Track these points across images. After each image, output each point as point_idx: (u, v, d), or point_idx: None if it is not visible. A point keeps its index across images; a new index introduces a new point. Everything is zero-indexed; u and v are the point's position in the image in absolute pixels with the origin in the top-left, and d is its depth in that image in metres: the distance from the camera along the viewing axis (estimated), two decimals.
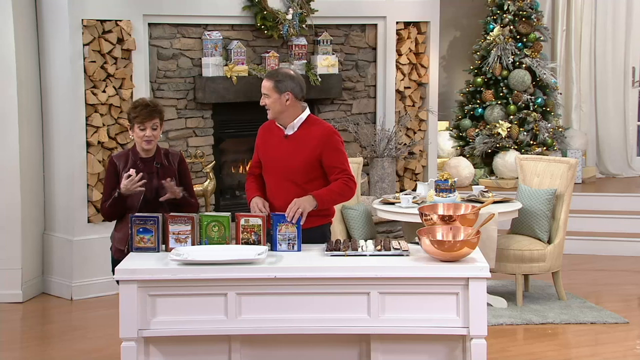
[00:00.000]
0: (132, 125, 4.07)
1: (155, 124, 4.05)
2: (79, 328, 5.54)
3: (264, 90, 4.14)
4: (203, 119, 6.57)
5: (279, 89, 4.10)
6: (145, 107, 4.05)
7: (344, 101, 7.21)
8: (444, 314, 3.69)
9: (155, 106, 4.09)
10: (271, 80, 4.12)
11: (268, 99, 4.13)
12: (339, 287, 3.70)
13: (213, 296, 3.69)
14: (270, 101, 4.12)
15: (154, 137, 4.07)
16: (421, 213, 3.97)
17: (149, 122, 4.03)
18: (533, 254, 5.80)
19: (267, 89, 4.12)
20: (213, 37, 6.45)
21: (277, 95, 4.10)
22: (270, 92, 4.11)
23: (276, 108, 4.12)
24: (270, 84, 4.11)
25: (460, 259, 3.73)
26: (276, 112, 4.14)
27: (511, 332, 5.37)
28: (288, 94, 4.11)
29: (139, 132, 4.05)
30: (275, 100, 4.11)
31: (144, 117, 4.02)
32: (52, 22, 6.07)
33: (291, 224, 3.92)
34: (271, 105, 4.12)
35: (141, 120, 4.02)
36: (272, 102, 4.12)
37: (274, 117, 4.17)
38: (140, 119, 4.02)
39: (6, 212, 5.98)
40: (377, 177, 7.11)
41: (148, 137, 4.04)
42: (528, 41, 8.40)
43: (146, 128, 4.04)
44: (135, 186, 3.99)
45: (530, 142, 8.26)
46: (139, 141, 4.07)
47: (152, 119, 4.04)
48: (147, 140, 4.05)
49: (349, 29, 7.17)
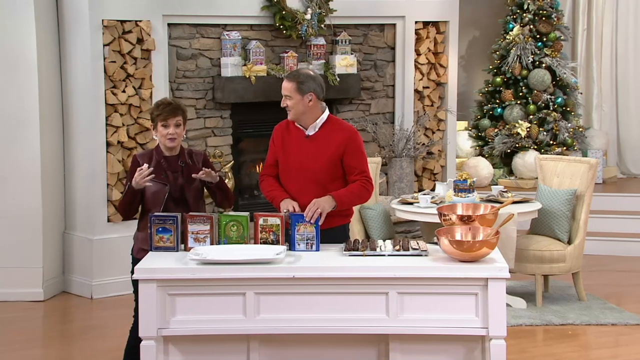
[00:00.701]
0: (155, 124, 4.06)
1: (178, 121, 4.04)
2: (99, 327, 5.57)
3: (285, 92, 4.11)
4: (222, 119, 6.58)
5: (302, 90, 4.08)
6: (167, 105, 4.06)
7: (362, 101, 7.20)
8: (463, 315, 3.66)
9: (177, 104, 4.10)
10: (293, 81, 4.10)
11: (290, 100, 4.10)
12: (357, 287, 3.69)
13: (232, 296, 3.67)
14: (293, 103, 4.09)
15: (177, 134, 4.04)
16: (440, 213, 3.95)
17: (172, 120, 4.03)
18: (553, 255, 5.77)
19: (289, 90, 4.10)
20: (232, 37, 6.46)
21: (299, 97, 4.08)
22: (292, 94, 4.09)
23: (299, 109, 4.10)
24: (293, 85, 4.09)
25: (479, 259, 3.71)
26: (298, 113, 4.12)
27: (531, 333, 5.35)
28: (311, 94, 4.09)
29: (162, 130, 4.03)
30: (297, 101, 4.09)
31: (167, 115, 4.02)
32: (73, 23, 6.10)
33: (310, 223, 3.91)
34: (293, 106, 4.10)
35: (164, 118, 4.02)
36: (294, 104, 4.09)
37: (295, 119, 4.14)
38: (163, 116, 4.02)
39: (27, 212, 6.02)
40: (395, 177, 7.09)
41: (171, 135, 4.02)
42: (548, 40, 8.35)
43: (169, 125, 4.02)
44: (144, 180, 3.95)
45: (550, 142, 8.22)
46: (163, 139, 4.05)
47: (175, 116, 4.03)
48: (170, 137, 4.03)
49: (367, 29, 7.16)
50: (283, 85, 4.13)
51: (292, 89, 4.09)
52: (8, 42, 5.96)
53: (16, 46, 5.96)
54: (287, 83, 4.12)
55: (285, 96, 4.12)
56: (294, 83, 4.09)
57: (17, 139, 6.03)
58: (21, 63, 5.97)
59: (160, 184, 4.04)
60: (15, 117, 6.01)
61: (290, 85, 4.09)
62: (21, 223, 6.02)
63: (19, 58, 5.97)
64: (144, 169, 3.96)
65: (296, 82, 4.09)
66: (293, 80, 4.10)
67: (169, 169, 4.06)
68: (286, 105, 4.12)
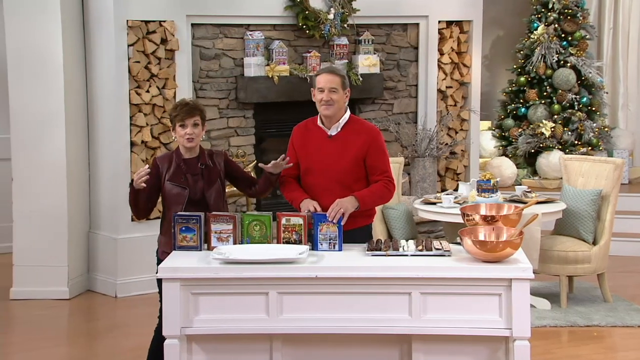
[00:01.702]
0: (174, 125, 4.03)
1: (195, 121, 4.01)
2: (123, 325, 5.60)
3: (331, 85, 4.04)
4: (245, 119, 6.60)
5: (345, 85, 4.08)
6: (185, 106, 4.03)
7: (385, 101, 7.18)
8: (486, 315, 3.63)
9: (195, 104, 4.08)
10: (339, 75, 4.07)
11: (336, 94, 4.06)
12: (380, 287, 3.67)
13: (255, 295, 3.66)
14: (338, 96, 4.06)
15: (195, 134, 4.01)
16: (463, 213, 3.93)
17: (190, 120, 3.99)
18: (578, 255, 5.73)
19: (336, 83, 4.05)
20: (255, 37, 6.47)
21: (342, 91, 4.08)
22: (339, 87, 4.06)
23: (340, 104, 4.08)
24: (339, 79, 4.06)
25: (502, 259, 3.68)
26: (339, 108, 4.08)
27: (555, 334, 5.31)
28: (348, 91, 4.12)
29: (180, 131, 4.00)
30: (341, 95, 4.07)
31: (184, 115, 3.99)
32: (98, 23, 6.14)
33: (332, 223, 3.90)
34: (338, 100, 4.06)
35: (182, 118, 3.99)
36: (339, 98, 4.06)
37: (333, 114, 4.09)
38: (180, 116, 3.99)
39: (53, 211, 6.07)
40: (418, 177, 7.07)
41: (189, 135, 3.99)
42: (573, 40, 8.28)
43: (187, 126, 3.99)
44: (140, 181, 3.92)
45: (574, 142, 8.15)
46: (181, 140, 4.02)
47: (192, 115, 4.00)
48: (188, 138, 4.00)
49: (390, 29, 7.14)
50: (328, 79, 4.06)
51: (339, 83, 4.06)
52: (34, 43, 6.01)
53: (42, 47, 6.01)
54: (333, 76, 4.07)
55: (330, 89, 4.05)
56: (340, 77, 4.07)
57: (43, 139, 6.07)
58: (47, 64, 6.01)
59: (180, 188, 4.02)
60: (41, 117, 6.06)
61: (338, 79, 4.06)
62: (47, 222, 6.07)
63: (46, 59, 6.02)
64: (142, 170, 3.93)
65: (341, 76, 4.08)
66: (338, 74, 4.09)
67: (188, 172, 4.02)
68: (330, 99, 4.05)
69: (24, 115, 6.06)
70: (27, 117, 6.06)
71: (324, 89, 4.06)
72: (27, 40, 6.00)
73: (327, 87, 4.05)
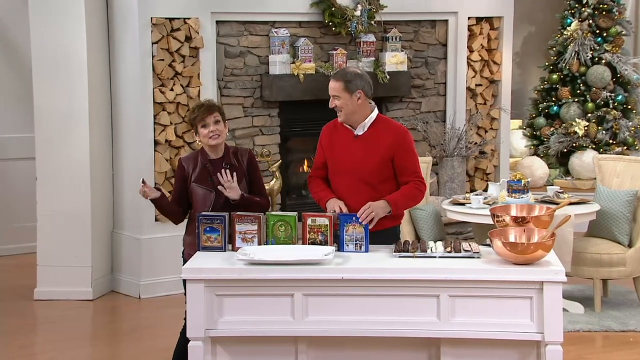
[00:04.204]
0: (195, 127, 4.03)
1: (216, 117, 4.00)
2: (147, 326, 5.58)
3: (333, 92, 4.03)
4: (270, 118, 6.55)
5: (350, 89, 4.01)
6: (202, 106, 4.04)
7: (412, 99, 7.11)
8: (517, 319, 3.60)
9: (211, 102, 4.09)
10: (340, 80, 4.02)
11: (338, 100, 4.03)
12: (407, 289, 3.64)
13: (280, 297, 3.66)
14: (341, 102, 4.02)
15: (219, 131, 4.00)
16: (493, 214, 3.90)
17: (210, 117, 3.98)
18: (612, 258, 5.61)
19: (336, 90, 4.02)
20: (280, 34, 6.42)
21: (348, 96, 4.01)
22: (340, 93, 4.01)
23: (348, 109, 4.03)
24: (340, 85, 4.01)
25: (534, 262, 3.64)
26: (349, 113, 4.04)
27: (589, 339, 5.23)
28: (359, 92, 4.02)
29: (203, 131, 4.00)
30: (346, 101, 4.02)
31: (204, 113, 3.99)
32: (122, 21, 6.13)
33: (359, 224, 3.87)
34: (343, 106, 4.03)
35: (202, 118, 3.98)
36: (343, 104, 4.02)
37: (346, 120, 4.07)
38: (200, 116, 3.99)
39: (77, 211, 6.06)
40: (446, 177, 7.00)
41: (213, 132, 3.98)
42: (608, 36, 8.18)
43: (208, 124, 3.98)
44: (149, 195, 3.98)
45: (609, 141, 8.06)
46: (205, 140, 4.02)
47: (211, 112, 3.99)
48: (212, 135, 3.99)
49: (418, 25, 7.06)
50: (330, 86, 4.05)
51: (339, 89, 4.01)
52: (59, 42, 6.01)
53: (67, 46, 6.00)
54: (334, 83, 4.04)
55: (333, 96, 4.04)
56: (341, 82, 4.01)
57: (67, 138, 6.07)
58: (71, 63, 6.01)
59: (206, 190, 4.03)
60: (65, 116, 6.05)
61: (338, 84, 4.02)
62: (70, 222, 6.06)
63: (70, 58, 6.01)
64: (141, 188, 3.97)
65: (343, 80, 4.01)
66: (340, 79, 4.03)
67: (214, 173, 4.02)
68: (335, 105, 4.04)
69: (48, 114, 6.07)
70: (51, 116, 6.06)
71: (329, 95, 4.06)
72: (51, 39, 6.01)
73: (331, 94, 4.05)
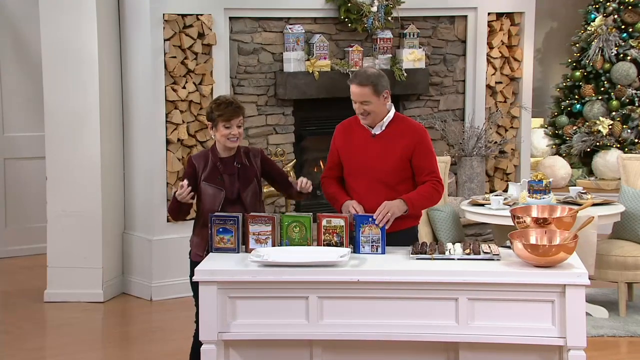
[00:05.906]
0: (216, 123, 3.97)
1: (240, 121, 3.98)
2: (159, 329, 5.53)
3: (362, 98, 3.91)
4: (284, 116, 6.47)
5: (378, 92, 3.92)
6: (229, 105, 3.98)
7: (430, 97, 7.03)
8: (538, 323, 3.56)
9: (238, 104, 4.05)
10: (367, 85, 3.90)
11: (369, 105, 3.92)
12: (425, 292, 3.60)
13: (294, 299, 3.63)
14: (372, 107, 3.93)
15: (240, 135, 3.99)
16: (513, 215, 3.85)
17: (235, 120, 3.95)
18: (637, 261, 5.52)
19: (366, 95, 3.90)
20: (295, 30, 6.34)
21: (376, 99, 3.92)
22: (370, 98, 3.91)
23: (377, 111, 3.95)
24: (368, 89, 3.90)
25: (555, 264, 3.59)
26: (377, 114, 3.96)
27: (613, 344, 5.13)
28: (386, 92, 3.96)
29: (224, 131, 3.95)
30: (376, 104, 3.93)
31: (230, 115, 3.94)
32: (134, 17, 6.07)
33: (375, 225, 3.82)
34: (374, 110, 3.93)
35: (227, 118, 3.93)
36: (374, 108, 3.93)
37: (371, 123, 3.98)
38: (226, 116, 3.94)
39: (87, 212, 6.01)
40: (465, 177, 6.92)
41: (234, 135, 3.95)
42: (634, 31, 8.10)
43: (232, 126, 3.94)
44: (186, 198, 3.92)
45: (634, 140, 7.98)
46: (223, 140, 3.97)
47: (237, 116, 3.96)
48: (232, 138, 3.96)
49: (436, 21, 6.98)
50: (356, 92, 3.92)
51: (369, 94, 3.91)
52: (70, 40, 5.96)
53: (78, 43, 5.95)
54: (360, 88, 3.91)
55: (361, 103, 3.92)
56: (369, 87, 3.90)
57: (78, 137, 6.02)
58: (82, 60, 5.96)
59: (216, 189, 3.98)
60: (76, 115, 6.00)
61: (367, 89, 3.90)
62: (81, 223, 6.01)
63: (81, 55, 5.96)
64: (184, 189, 3.89)
65: (371, 85, 3.91)
66: (366, 83, 3.91)
67: (225, 172, 3.98)
68: (363, 110, 3.93)
69: (58, 113, 6.02)
70: (61, 115, 6.02)
71: (356, 101, 3.95)
72: (62, 36, 5.96)
73: (358, 101, 3.94)
